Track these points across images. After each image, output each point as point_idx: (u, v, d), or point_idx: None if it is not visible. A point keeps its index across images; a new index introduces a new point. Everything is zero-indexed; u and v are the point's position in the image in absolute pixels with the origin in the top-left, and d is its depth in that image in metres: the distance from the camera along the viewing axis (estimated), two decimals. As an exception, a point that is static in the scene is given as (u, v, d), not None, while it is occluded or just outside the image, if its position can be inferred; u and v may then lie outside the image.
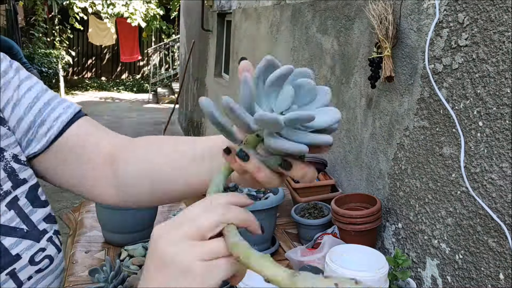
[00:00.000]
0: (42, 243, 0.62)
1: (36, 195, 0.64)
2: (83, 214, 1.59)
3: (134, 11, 9.95)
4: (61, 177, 0.67)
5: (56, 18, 9.84)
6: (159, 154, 0.63)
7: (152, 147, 0.65)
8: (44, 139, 0.64)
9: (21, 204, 0.62)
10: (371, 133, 1.49)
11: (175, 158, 0.61)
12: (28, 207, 0.63)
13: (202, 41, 5.19)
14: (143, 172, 0.63)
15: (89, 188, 0.68)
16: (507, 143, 0.95)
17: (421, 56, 1.21)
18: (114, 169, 0.66)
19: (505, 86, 0.95)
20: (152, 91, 10.50)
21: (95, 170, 0.66)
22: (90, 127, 0.68)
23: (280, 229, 1.53)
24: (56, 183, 0.68)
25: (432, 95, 1.17)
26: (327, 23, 1.85)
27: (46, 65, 8.66)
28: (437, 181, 1.16)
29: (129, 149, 0.66)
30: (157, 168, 0.62)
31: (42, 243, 0.62)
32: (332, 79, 1.80)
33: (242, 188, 1.29)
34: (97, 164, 0.66)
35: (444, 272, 1.15)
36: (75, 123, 0.66)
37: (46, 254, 0.62)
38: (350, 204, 1.42)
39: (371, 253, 1.08)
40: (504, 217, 0.96)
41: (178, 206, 1.70)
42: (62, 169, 0.66)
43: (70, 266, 1.26)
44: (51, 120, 0.64)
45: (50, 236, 0.64)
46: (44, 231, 0.63)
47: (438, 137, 1.16)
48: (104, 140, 0.68)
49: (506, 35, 0.94)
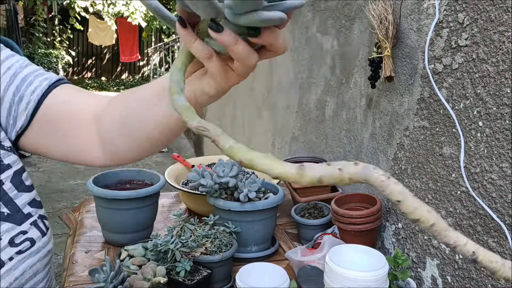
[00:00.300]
0: (23, 226, 0.64)
1: (21, 180, 0.67)
2: (83, 214, 1.59)
3: (134, 10, 9.95)
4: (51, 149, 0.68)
5: (56, 18, 9.84)
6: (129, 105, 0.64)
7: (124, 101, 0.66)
8: (24, 114, 0.65)
9: (6, 188, 0.64)
10: (371, 133, 1.49)
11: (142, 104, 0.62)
12: (13, 191, 0.65)
13: (202, 41, 5.18)
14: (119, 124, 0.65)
15: (78, 155, 0.69)
16: (507, 143, 0.95)
17: (421, 56, 1.21)
18: (97, 130, 0.67)
19: (505, 86, 0.95)
20: (152, 91, 10.48)
21: (81, 137, 0.67)
22: (67, 95, 0.68)
23: (280, 229, 1.53)
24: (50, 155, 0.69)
25: (432, 95, 1.17)
26: (327, 23, 1.85)
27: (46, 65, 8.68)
28: (437, 181, 1.16)
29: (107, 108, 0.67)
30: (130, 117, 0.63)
31: (23, 226, 0.64)
32: (332, 79, 1.80)
33: (241, 189, 1.29)
34: (81, 130, 0.67)
35: (444, 272, 1.15)
36: (51, 94, 0.66)
37: (27, 237, 0.64)
38: (350, 204, 1.42)
39: (371, 253, 1.08)
40: (504, 217, 0.96)
41: (178, 206, 1.70)
42: (49, 140, 0.67)
43: (70, 266, 1.26)
44: (28, 94, 0.65)
45: (34, 220, 0.66)
46: (29, 215, 0.66)
47: (438, 137, 1.16)
48: (85, 103, 0.68)
49: (506, 35, 0.94)
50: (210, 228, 1.26)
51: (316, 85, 1.97)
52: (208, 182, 1.33)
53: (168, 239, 1.12)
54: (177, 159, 1.79)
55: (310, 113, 2.04)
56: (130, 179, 1.48)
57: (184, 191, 1.53)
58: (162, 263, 1.11)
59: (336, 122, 1.77)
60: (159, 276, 1.03)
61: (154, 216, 1.42)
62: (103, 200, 1.32)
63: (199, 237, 1.20)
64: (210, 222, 1.27)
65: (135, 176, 1.49)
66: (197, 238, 1.20)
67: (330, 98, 1.83)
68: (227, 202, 1.30)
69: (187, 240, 1.15)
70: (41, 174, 5.10)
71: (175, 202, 1.75)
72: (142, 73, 12.19)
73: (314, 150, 2.00)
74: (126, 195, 1.30)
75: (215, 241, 1.21)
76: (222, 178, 1.33)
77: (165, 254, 1.12)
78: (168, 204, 1.72)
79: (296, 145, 2.24)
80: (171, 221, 1.51)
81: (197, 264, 1.14)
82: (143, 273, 1.03)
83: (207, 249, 1.18)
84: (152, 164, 5.56)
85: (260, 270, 1.09)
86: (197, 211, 1.58)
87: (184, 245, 1.14)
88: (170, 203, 1.73)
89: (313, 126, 2.01)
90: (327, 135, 1.86)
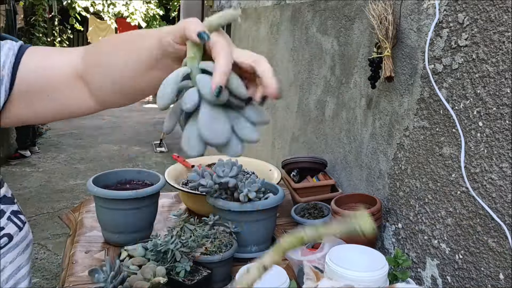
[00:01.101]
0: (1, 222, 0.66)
1: None
2: (83, 214, 1.59)
3: (134, 10, 9.95)
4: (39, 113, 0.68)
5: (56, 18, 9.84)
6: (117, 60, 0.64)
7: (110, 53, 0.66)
8: (2, 89, 0.65)
9: None
10: (371, 133, 1.49)
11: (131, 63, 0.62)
12: None
13: (202, 41, 5.18)
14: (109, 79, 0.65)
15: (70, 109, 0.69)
16: (507, 143, 0.95)
17: (421, 56, 1.21)
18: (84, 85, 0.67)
19: (505, 86, 0.95)
20: (152, 91, 10.49)
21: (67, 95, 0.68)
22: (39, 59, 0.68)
23: (280, 229, 1.53)
24: (39, 120, 0.70)
25: (432, 95, 1.17)
26: (327, 23, 1.85)
27: (46, 65, 8.66)
28: (437, 181, 1.16)
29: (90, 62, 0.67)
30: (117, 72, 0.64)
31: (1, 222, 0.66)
32: (332, 79, 1.80)
33: (241, 189, 1.29)
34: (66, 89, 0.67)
35: (444, 272, 1.15)
36: (22, 63, 0.66)
37: (5, 232, 0.67)
38: (350, 204, 1.42)
39: (371, 253, 1.08)
40: (504, 217, 0.96)
41: (178, 206, 1.70)
42: (35, 106, 0.67)
43: (70, 266, 1.26)
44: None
45: (8, 215, 0.68)
46: (2, 211, 0.67)
47: (438, 137, 1.16)
48: (60, 63, 0.68)
49: (506, 35, 0.94)
50: (210, 228, 1.26)
51: (316, 85, 1.97)
52: (208, 182, 1.33)
53: (168, 239, 1.12)
54: (177, 159, 1.79)
55: (310, 113, 2.04)
56: (130, 179, 1.48)
57: (184, 191, 1.53)
58: (162, 263, 1.11)
59: (336, 122, 1.77)
60: (159, 276, 1.03)
61: (154, 216, 1.42)
62: (103, 200, 1.32)
63: (199, 237, 1.20)
64: (210, 222, 1.27)
65: (135, 176, 1.49)
66: (197, 238, 1.20)
67: (330, 98, 1.83)
68: (227, 202, 1.30)
69: (187, 240, 1.15)
70: (41, 174, 5.10)
71: (175, 202, 1.75)
72: (142, 73, 12.21)
73: (314, 150, 2.00)
74: (126, 195, 1.30)
75: (215, 241, 1.21)
76: (222, 178, 1.33)
77: (165, 254, 1.12)
78: (168, 204, 1.72)
79: (296, 145, 2.24)
80: (171, 221, 1.51)
81: (197, 264, 1.14)
82: (143, 273, 1.03)
83: (207, 249, 1.17)
84: (152, 164, 5.56)
85: (260, 270, 1.09)
86: (197, 211, 1.58)
87: (184, 245, 1.14)
88: (170, 203, 1.73)
89: (313, 126, 2.01)
90: (327, 135, 1.87)
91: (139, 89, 0.64)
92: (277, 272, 1.08)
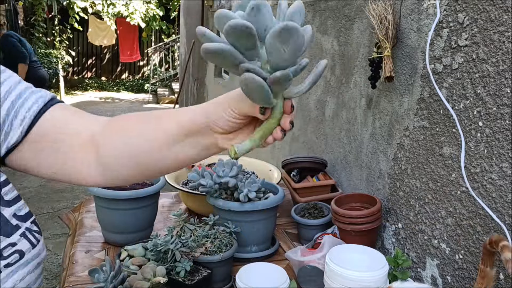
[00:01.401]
0: (13, 238, 0.63)
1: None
2: (83, 214, 1.59)
3: (134, 10, 9.95)
4: (41, 166, 0.68)
5: (56, 18, 9.84)
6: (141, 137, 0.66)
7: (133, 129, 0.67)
8: (19, 130, 0.65)
9: None
10: (371, 133, 1.49)
11: (159, 138, 0.64)
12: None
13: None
14: (126, 155, 0.66)
15: (72, 175, 0.69)
16: (507, 143, 0.95)
17: (421, 56, 1.21)
18: (96, 155, 0.67)
19: (505, 86, 0.95)
20: (152, 91, 10.49)
21: (75, 158, 0.68)
22: (64, 115, 0.69)
23: (280, 229, 1.53)
24: (39, 173, 0.69)
25: (432, 95, 1.17)
26: (327, 23, 1.85)
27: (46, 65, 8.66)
28: (437, 181, 1.16)
29: (109, 134, 0.68)
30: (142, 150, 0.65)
31: (13, 238, 0.63)
32: (332, 79, 1.80)
33: (241, 189, 1.29)
34: (76, 152, 0.68)
35: (444, 272, 1.15)
36: (48, 112, 0.67)
37: (17, 249, 0.63)
38: (350, 204, 1.42)
39: (371, 253, 1.08)
40: (504, 217, 0.96)
41: (178, 206, 1.70)
42: (41, 158, 0.67)
43: (70, 266, 1.26)
44: (24, 111, 0.65)
45: (23, 231, 0.65)
46: (17, 226, 0.65)
47: (438, 137, 1.16)
48: (81, 126, 0.69)
49: (506, 35, 0.94)
50: (210, 228, 1.26)
51: (316, 85, 1.97)
52: (208, 182, 1.33)
53: (168, 239, 1.12)
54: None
55: (310, 113, 2.04)
56: (130, 179, 1.48)
57: (184, 191, 1.53)
58: (162, 263, 1.11)
59: (336, 122, 1.77)
60: (159, 276, 1.03)
61: (154, 216, 1.42)
62: (103, 200, 1.32)
63: (199, 237, 1.20)
64: (210, 222, 1.27)
65: (135, 176, 1.48)
66: (197, 238, 1.20)
67: (330, 98, 1.83)
68: (227, 202, 1.30)
69: (187, 240, 1.15)
70: (41, 174, 5.10)
71: (175, 202, 1.75)
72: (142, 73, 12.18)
73: (314, 150, 2.00)
74: (126, 195, 1.30)
75: (215, 241, 1.21)
76: (222, 178, 1.33)
77: (165, 254, 1.12)
78: (168, 204, 1.72)
79: (296, 145, 2.24)
80: (171, 221, 1.51)
81: (197, 264, 1.14)
82: (143, 273, 1.03)
83: (207, 249, 1.17)
84: (152, 164, 5.55)
85: (260, 270, 1.09)
86: (197, 211, 1.58)
87: (184, 245, 1.14)
88: (170, 203, 1.73)
89: (313, 126, 2.01)
90: (327, 135, 1.87)
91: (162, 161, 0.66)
92: (277, 272, 1.08)
